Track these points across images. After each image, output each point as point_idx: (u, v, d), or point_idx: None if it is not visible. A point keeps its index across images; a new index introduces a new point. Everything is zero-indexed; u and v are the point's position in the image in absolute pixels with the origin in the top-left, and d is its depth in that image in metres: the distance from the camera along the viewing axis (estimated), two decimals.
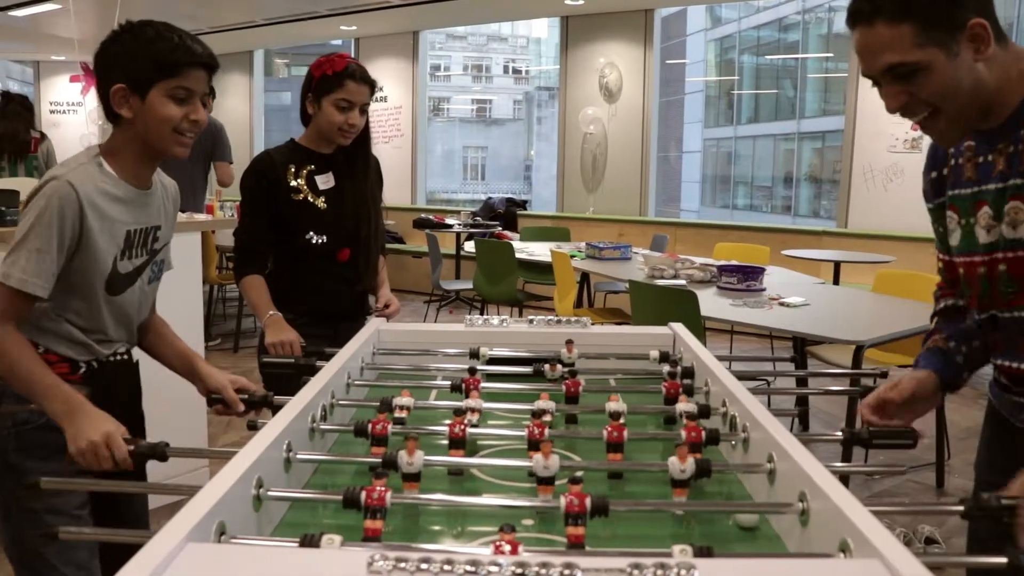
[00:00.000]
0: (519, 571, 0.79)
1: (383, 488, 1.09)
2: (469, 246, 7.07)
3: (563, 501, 1.06)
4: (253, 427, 1.62)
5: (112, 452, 1.53)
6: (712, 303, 4.03)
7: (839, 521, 1.00)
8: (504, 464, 1.38)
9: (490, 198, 9.92)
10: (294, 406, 1.41)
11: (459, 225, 8.69)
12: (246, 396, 1.84)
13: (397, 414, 1.55)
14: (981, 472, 1.72)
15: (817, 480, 1.10)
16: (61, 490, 1.68)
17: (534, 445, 1.38)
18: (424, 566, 0.80)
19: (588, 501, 1.06)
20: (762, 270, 4.55)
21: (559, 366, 1.88)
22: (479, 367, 1.88)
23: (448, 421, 1.64)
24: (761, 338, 6.72)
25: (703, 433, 1.41)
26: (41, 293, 1.63)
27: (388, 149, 10.22)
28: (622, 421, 1.50)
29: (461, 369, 1.87)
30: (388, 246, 2.98)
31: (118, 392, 1.84)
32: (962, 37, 1.35)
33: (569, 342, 1.99)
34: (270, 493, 1.15)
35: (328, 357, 1.82)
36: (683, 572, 0.80)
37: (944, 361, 1.60)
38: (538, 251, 6.29)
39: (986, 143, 1.48)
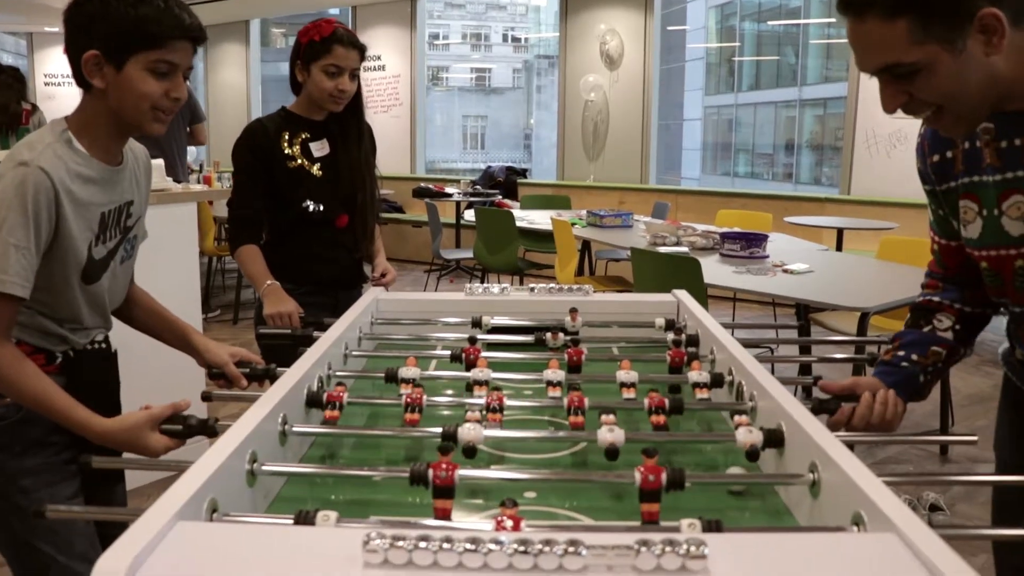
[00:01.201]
0: (521, 549, 0.76)
1: (450, 464, 1.04)
2: (469, 215, 7.01)
3: (638, 476, 1.02)
4: (207, 398, 1.58)
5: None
6: (715, 270, 3.99)
7: (852, 493, 0.97)
8: (506, 435, 1.35)
9: (490, 167, 9.85)
10: (290, 378, 1.37)
11: (459, 194, 8.64)
12: (248, 370, 1.75)
13: (403, 389, 1.51)
14: (1004, 452, 1.66)
15: (828, 450, 1.06)
16: (49, 483, 1.62)
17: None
18: (423, 544, 0.76)
19: (664, 475, 1.02)
20: (765, 237, 4.50)
21: (561, 335, 1.84)
22: (480, 336, 1.85)
23: (450, 391, 1.62)
24: (763, 306, 6.69)
25: (667, 401, 1.36)
26: (23, 294, 1.46)
27: (387, 118, 10.14)
28: (633, 394, 1.47)
29: (461, 339, 1.84)
30: (387, 216, 2.95)
31: (96, 381, 1.71)
32: (970, 30, 1.17)
33: (573, 310, 1.95)
34: (264, 468, 1.12)
35: (326, 327, 1.79)
36: (692, 549, 0.76)
37: (889, 371, 1.55)
38: (539, 219, 6.24)
39: (1011, 126, 1.32)
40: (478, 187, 9.12)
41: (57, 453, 1.63)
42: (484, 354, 1.67)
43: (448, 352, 1.74)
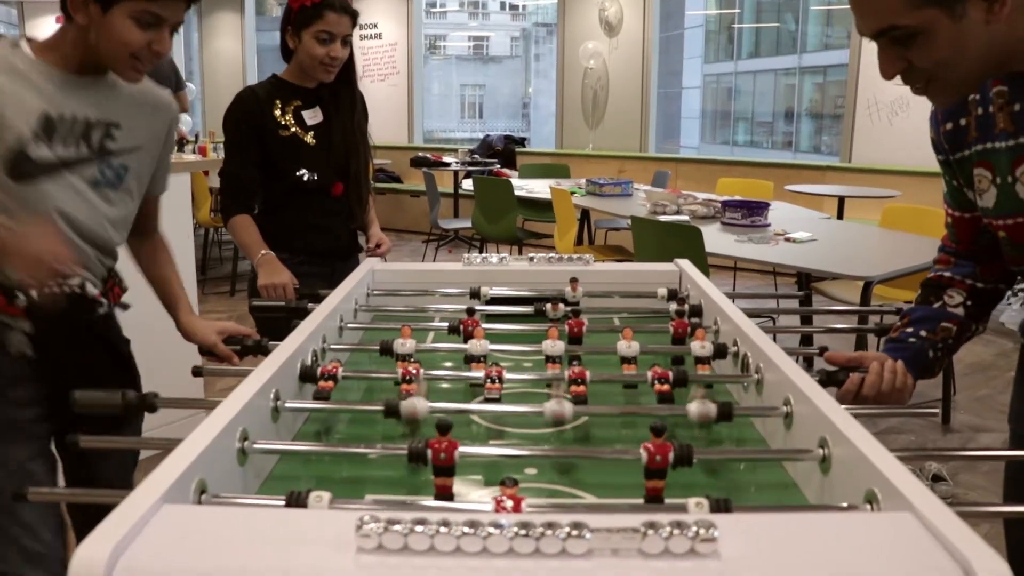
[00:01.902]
0: (523, 532, 0.72)
1: (450, 443, 1.00)
2: (467, 184, 6.95)
3: (644, 455, 0.98)
4: (198, 373, 1.54)
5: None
6: (716, 239, 3.95)
7: (864, 469, 0.93)
8: (506, 410, 1.31)
9: (488, 136, 9.76)
10: (282, 352, 1.33)
11: (457, 163, 8.56)
12: (238, 347, 1.71)
13: (399, 366, 1.47)
14: (1019, 426, 1.61)
15: (839, 425, 1.03)
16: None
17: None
18: (419, 528, 0.72)
19: (671, 454, 0.98)
20: (767, 205, 4.46)
21: (561, 305, 1.80)
22: (479, 307, 1.81)
23: (448, 364, 1.58)
24: (764, 275, 6.65)
25: (670, 373, 1.33)
26: None
27: (384, 87, 10.02)
28: (634, 370, 1.44)
29: (459, 310, 1.80)
30: (385, 186, 2.90)
31: (75, 336, 1.58)
32: None
33: (573, 280, 1.91)
34: (256, 446, 1.08)
35: (321, 299, 1.75)
36: (702, 531, 0.73)
37: (897, 347, 1.51)
38: (537, 188, 6.18)
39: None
40: (476, 156, 9.03)
41: (19, 408, 1.56)
42: (483, 325, 1.63)
43: (446, 324, 1.70)
